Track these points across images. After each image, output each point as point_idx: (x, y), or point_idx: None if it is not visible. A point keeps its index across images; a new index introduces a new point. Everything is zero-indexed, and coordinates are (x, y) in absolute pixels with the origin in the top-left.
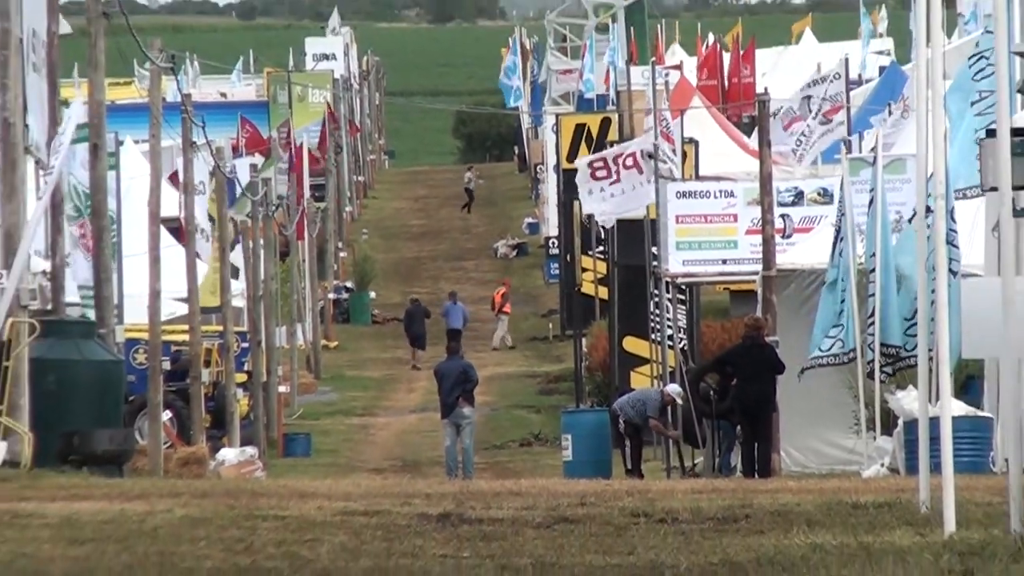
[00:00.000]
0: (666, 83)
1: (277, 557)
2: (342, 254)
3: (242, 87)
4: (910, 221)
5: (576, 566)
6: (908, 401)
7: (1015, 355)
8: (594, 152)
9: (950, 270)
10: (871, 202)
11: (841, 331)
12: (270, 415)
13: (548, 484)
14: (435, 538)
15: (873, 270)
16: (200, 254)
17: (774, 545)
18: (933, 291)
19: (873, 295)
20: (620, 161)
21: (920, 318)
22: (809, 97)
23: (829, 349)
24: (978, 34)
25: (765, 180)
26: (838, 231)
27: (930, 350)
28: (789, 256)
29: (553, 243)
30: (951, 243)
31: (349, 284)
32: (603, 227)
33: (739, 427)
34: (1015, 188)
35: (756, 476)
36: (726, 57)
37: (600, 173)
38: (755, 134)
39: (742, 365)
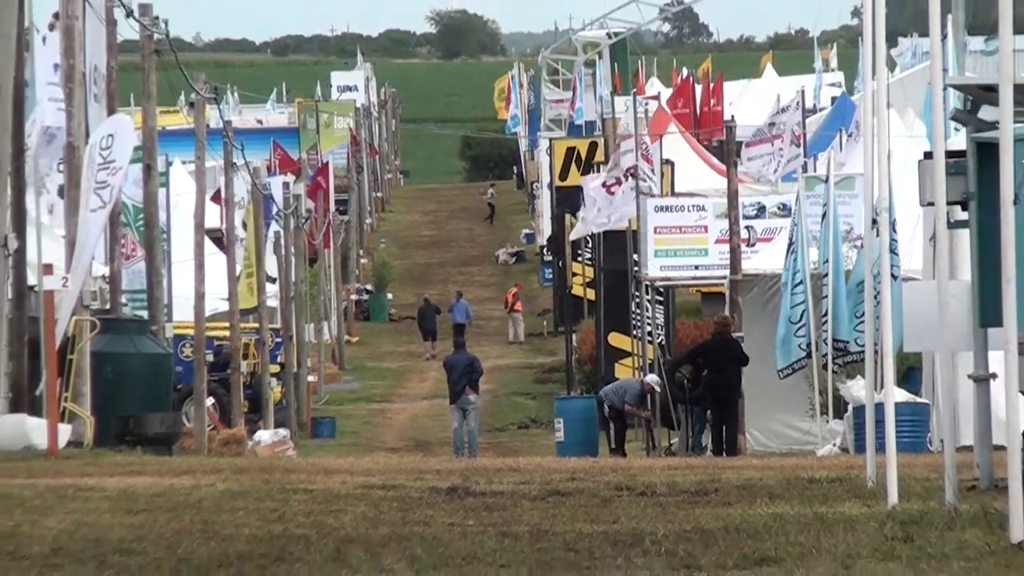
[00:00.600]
0: (646, 111)
1: (306, 525)
2: (363, 260)
3: (276, 115)
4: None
5: (567, 533)
6: (856, 389)
7: (949, 349)
8: (583, 172)
9: (892, 275)
10: (824, 215)
11: (805, 332)
12: (300, 401)
13: (543, 462)
14: (444, 509)
15: (826, 275)
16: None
17: (740, 515)
18: (878, 293)
19: (826, 296)
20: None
21: (867, 317)
22: (773, 124)
23: (804, 352)
24: (919, 68)
25: (732, 196)
26: (791, 241)
27: (875, 344)
28: (753, 263)
29: (546, 251)
30: (893, 251)
31: (369, 287)
32: (592, 232)
33: (709, 412)
34: (949, 203)
35: (724, 455)
36: (698, 89)
37: (614, 189)
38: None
39: (712, 358)
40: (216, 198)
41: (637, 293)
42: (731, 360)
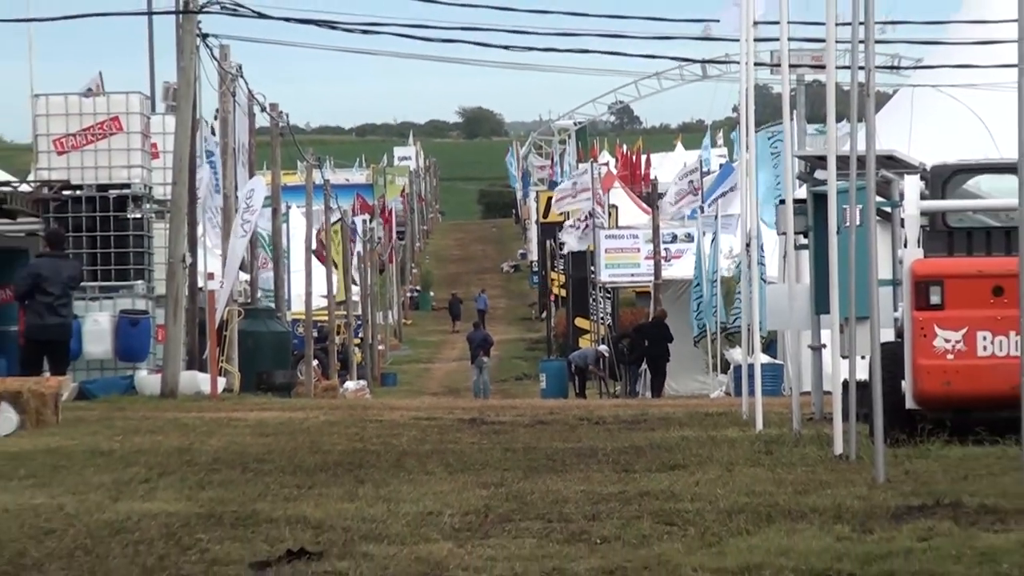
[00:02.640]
0: (599, 173)
1: (377, 443)
2: (414, 270)
3: (358, 175)
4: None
5: (547, 448)
6: (737, 354)
7: (796, 328)
8: (560, 213)
9: (760, 278)
10: (713, 240)
11: (704, 316)
12: (373, 362)
13: (532, 402)
14: (467, 432)
15: (715, 281)
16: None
17: (660, 436)
18: (751, 290)
19: (715, 294)
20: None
21: (743, 308)
22: (683, 179)
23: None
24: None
25: (655, 229)
26: (697, 259)
27: (748, 325)
28: (668, 272)
29: (534, 264)
30: (760, 263)
31: (418, 287)
32: (565, 253)
33: (642, 370)
34: (795, 233)
35: (653, 397)
36: (632, 158)
37: (587, 222)
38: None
39: (651, 335)
40: (319, 233)
41: (593, 292)
42: (664, 338)
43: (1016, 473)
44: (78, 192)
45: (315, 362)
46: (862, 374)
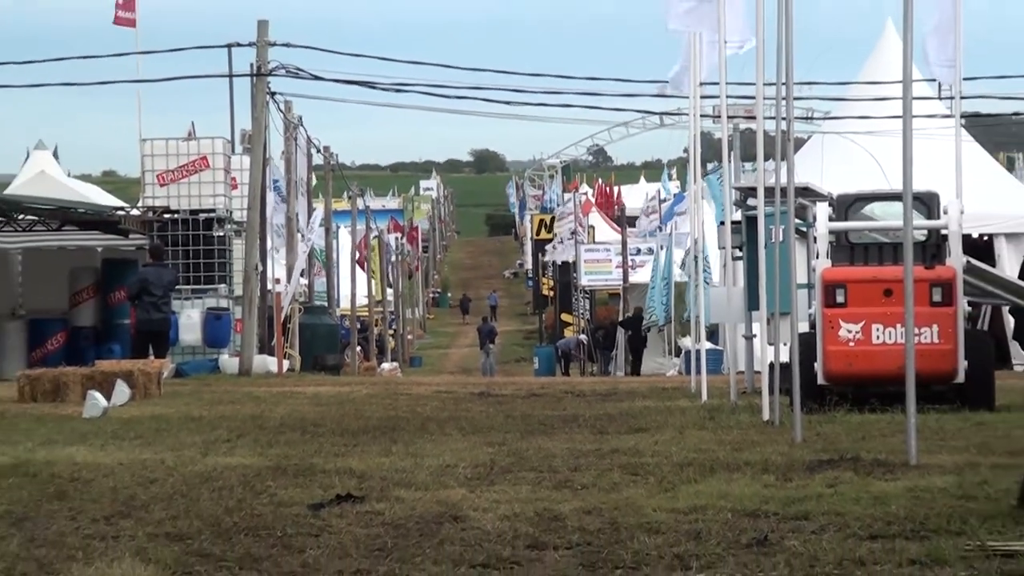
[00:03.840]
0: (579, 200)
1: (406, 411)
2: (435, 276)
3: (392, 202)
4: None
5: (540, 415)
6: (687, 341)
7: (733, 321)
8: (548, 231)
9: (705, 282)
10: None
11: (656, 311)
12: (404, 348)
13: (527, 379)
14: (477, 403)
15: (667, 283)
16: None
17: (627, 406)
18: (697, 291)
19: (668, 294)
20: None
21: (695, 304)
22: (647, 206)
23: (659, 320)
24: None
25: (623, 244)
26: (654, 268)
27: (697, 318)
28: (634, 277)
29: (529, 271)
30: (706, 270)
31: (439, 289)
32: (553, 262)
33: (614, 354)
34: (733, 247)
35: (634, 375)
36: (606, 189)
37: (571, 239)
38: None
39: (632, 326)
40: (359, 247)
41: (575, 293)
42: (640, 328)
43: (901, 435)
44: (175, 215)
45: (358, 348)
46: (784, 357)
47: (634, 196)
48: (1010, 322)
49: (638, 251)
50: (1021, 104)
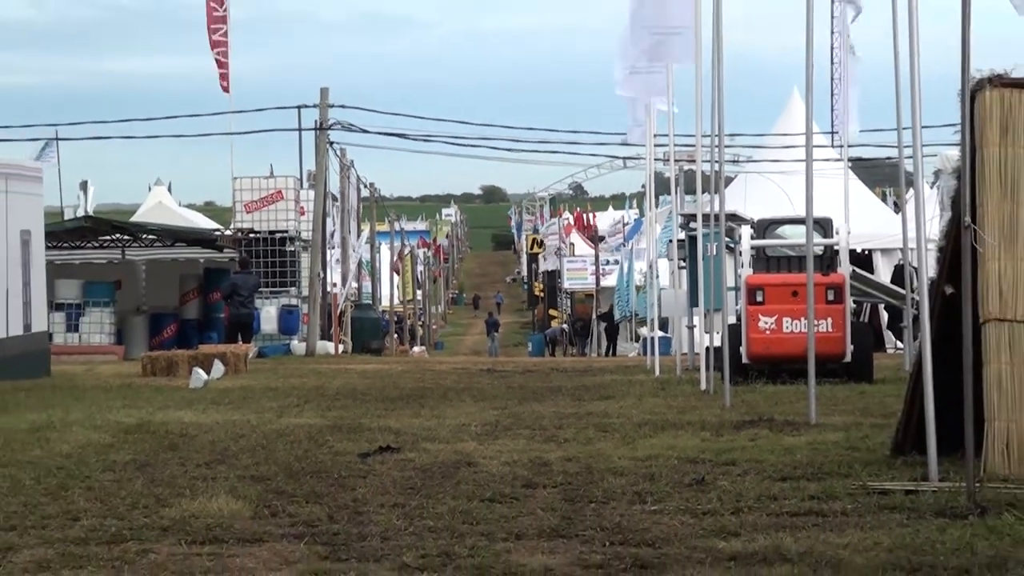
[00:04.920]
0: (562, 224)
1: (431, 383)
2: (453, 281)
3: (420, 224)
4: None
5: (533, 386)
6: (646, 331)
7: (679, 315)
8: (540, 247)
9: (658, 286)
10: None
11: (621, 307)
12: (429, 336)
13: (523, 360)
14: (485, 377)
15: (628, 286)
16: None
17: (599, 379)
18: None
19: (630, 295)
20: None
21: (651, 302)
22: (614, 228)
23: (625, 314)
24: (665, 209)
25: (596, 257)
26: (619, 275)
27: (654, 313)
28: (604, 282)
29: (524, 277)
30: (657, 276)
31: (456, 291)
32: (544, 270)
33: (588, 340)
34: (679, 259)
35: (610, 356)
36: (584, 216)
37: (560, 252)
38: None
39: (608, 319)
40: (396, 260)
41: (559, 294)
42: (614, 321)
43: (804, 401)
44: (258, 235)
45: (395, 335)
46: (717, 343)
47: (604, 220)
48: (884, 316)
49: (607, 262)
50: (892, 151)
